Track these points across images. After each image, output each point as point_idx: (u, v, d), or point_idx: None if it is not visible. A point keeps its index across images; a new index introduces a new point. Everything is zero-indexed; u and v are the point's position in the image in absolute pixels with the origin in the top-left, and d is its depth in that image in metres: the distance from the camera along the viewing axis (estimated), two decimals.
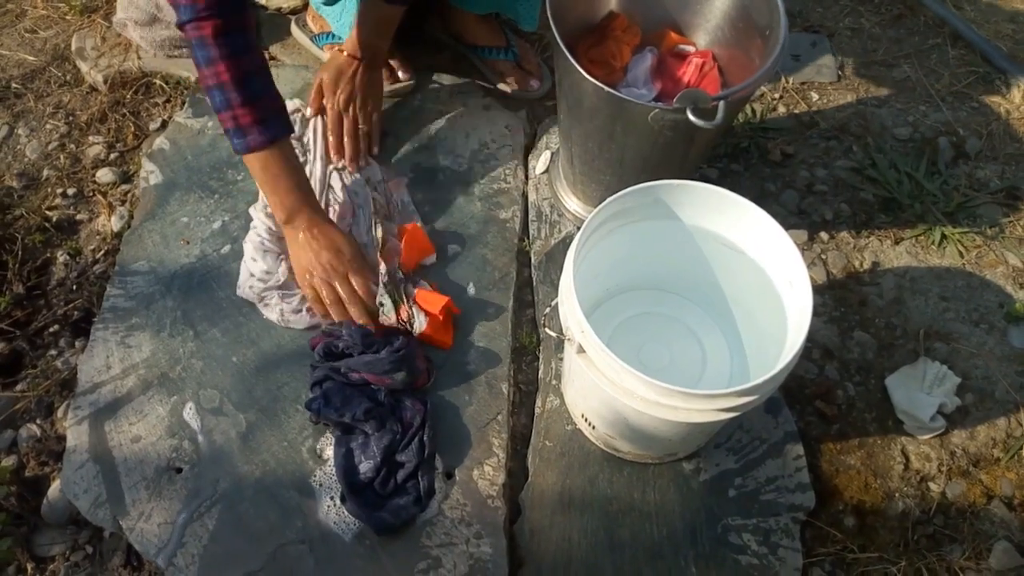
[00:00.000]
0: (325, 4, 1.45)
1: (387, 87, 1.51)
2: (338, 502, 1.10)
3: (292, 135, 1.21)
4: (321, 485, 1.12)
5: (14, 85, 1.62)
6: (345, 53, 1.38)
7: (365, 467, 1.11)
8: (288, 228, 1.23)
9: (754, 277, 1.05)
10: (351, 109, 1.40)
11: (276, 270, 1.27)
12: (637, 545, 1.09)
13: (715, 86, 1.22)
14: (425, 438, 1.13)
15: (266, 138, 1.14)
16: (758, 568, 1.08)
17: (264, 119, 1.14)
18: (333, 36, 1.54)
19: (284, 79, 1.57)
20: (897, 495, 1.18)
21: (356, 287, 1.21)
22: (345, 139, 1.40)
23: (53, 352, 1.28)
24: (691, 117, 0.99)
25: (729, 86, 1.19)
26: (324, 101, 1.42)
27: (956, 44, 1.76)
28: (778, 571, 1.08)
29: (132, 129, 1.55)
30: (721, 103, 1.00)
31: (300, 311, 1.25)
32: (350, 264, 1.21)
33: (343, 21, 1.44)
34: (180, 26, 1.09)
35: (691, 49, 1.24)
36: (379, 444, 1.11)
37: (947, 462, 1.21)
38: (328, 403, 1.12)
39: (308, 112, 1.45)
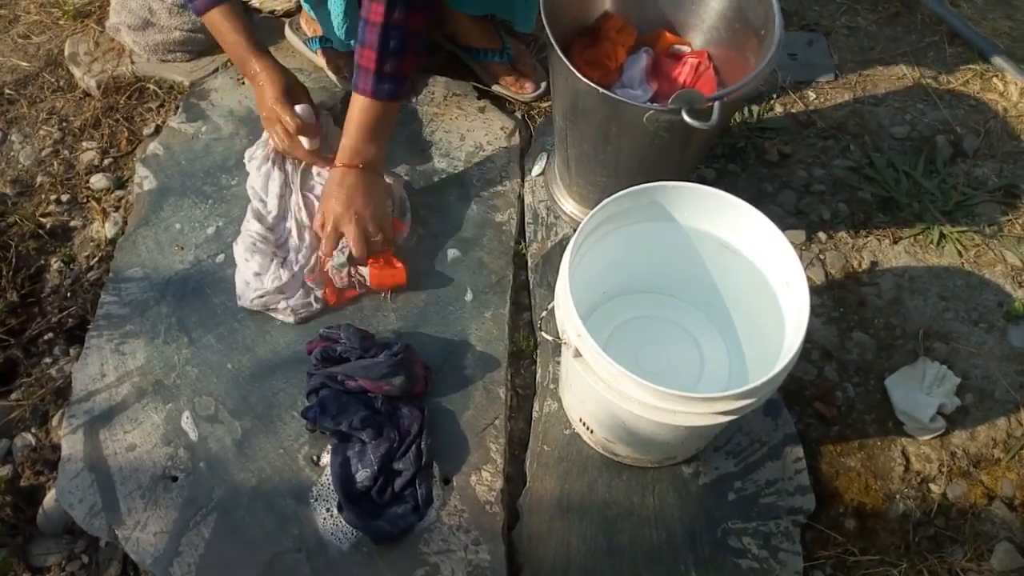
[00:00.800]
0: (307, 1, 1.44)
1: None
2: (335, 511, 1.09)
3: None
4: (318, 497, 1.11)
5: (7, 91, 1.61)
6: (341, 165, 1.24)
7: (362, 476, 1.10)
8: (248, 79, 1.35)
9: (752, 279, 1.04)
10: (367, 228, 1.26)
11: (268, 268, 1.25)
12: (636, 550, 1.08)
13: (711, 86, 1.21)
14: (423, 446, 1.12)
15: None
16: (758, 572, 1.07)
17: None
18: (327, 39, 1.53)
19: None
20: (898, 497, 1.17)
21: (287, 125, 1.30)
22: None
23: (47, 360, 1.27)
24: (686, 118, 0.98)
25: (725, 86, 1.18)
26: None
27: (953, 42, 1.75)
28: (779, 574, 1.07)
29: (126, 134, 1.54)
30: (716, 104, 0.99)
31: (309, 301, 1.25)
32: (274, 107, 1.30)
33: (329, 21, 1.42)
34: None
35: (686, 49, 1.23)
36: (376, 452, 1.11)
37: (948, 463, 1.20)
38: (324, 411, 1.12)
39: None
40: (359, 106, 1.21)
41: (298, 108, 1.31)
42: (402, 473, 1.10)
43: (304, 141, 1.32)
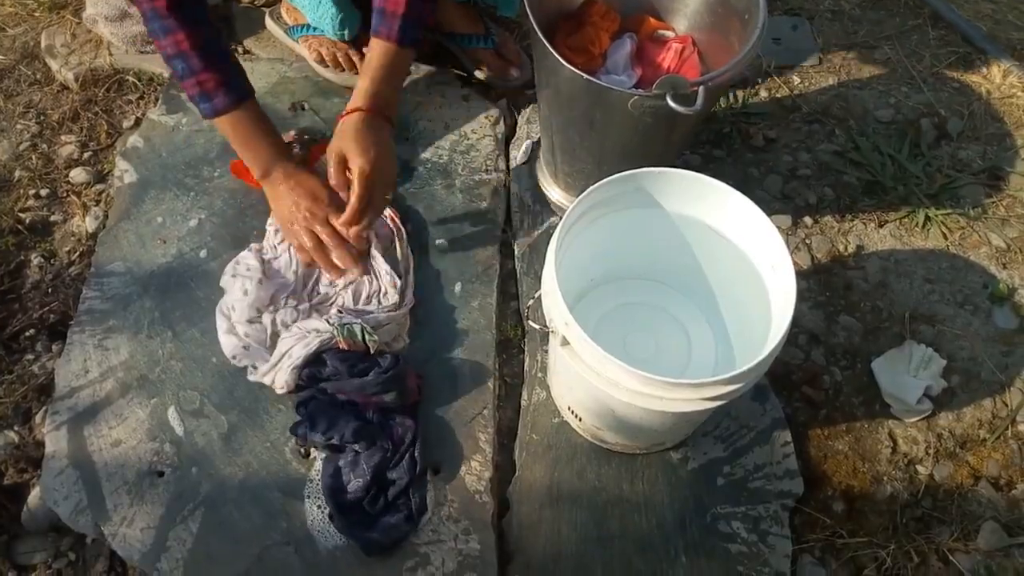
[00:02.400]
0: None
1: None
2: (325, 509, 1.08)
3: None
4: (309, 495, 1.10)
5: None
6: (359, 110, 1.20)
7: (354, 486, 1.08)
8: (267, 183, 1.23)
9: (738, 264, 1.04)
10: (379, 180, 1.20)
11: (253, 292, 1.20)
12: (627, 536, 1.08)
13: (695, 71, 1.21)
14: (416, 454, 1.10)
15: (231, 100, 1.17)
16: (748, 556, 1.08)
17: (227, 82, 1.17)
18: (308, 28, 1.51)
19: (259, 73, 1.54)
20: (885, 479, 1.18)
21: (338, 229, 1.19)
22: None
23: (29, 357, 1.25)
24: (671, 103, 0.98)
25: (710, 71, 1.17)
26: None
27: (936, 25, 1.75)
28: (768, 558, 1.08)
29: (105, 127, 1.52)
30: (701, 88, 0.99)
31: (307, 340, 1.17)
32: (328, 208, 1.19)
33: (319, 13, 1.41)
34: (134, 1, 1.11)
35: (670, 34, 1.23)
36: (369, 462, 1.09)
37: (934, 444, 1.21)
38: (314, 426, 1.09)
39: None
40: (381, 51, 1.20)
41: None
42: (396, 482, 1.09)
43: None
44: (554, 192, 1.38)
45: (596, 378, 0.91)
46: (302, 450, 1.13)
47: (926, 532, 1.14)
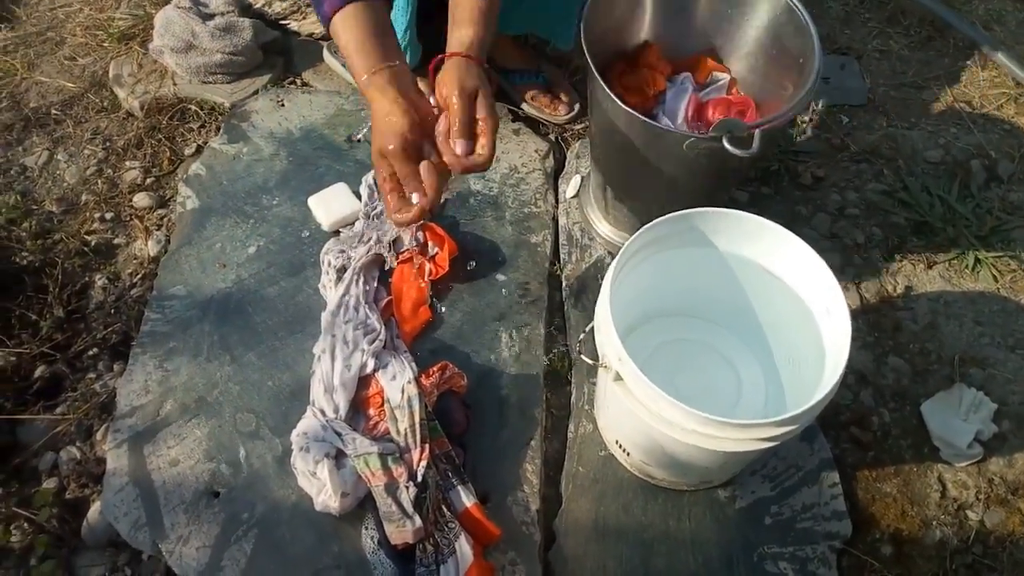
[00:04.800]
0: None
1: None
2: (375, 536, 1.09)
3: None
4: (367, 527, 1.10)
5: (54, 111, 1.65)
6: (472, 59, 1.05)
7: None
8: (365, 93, 1.03)
9: (790, 305, 1.05)
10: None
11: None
12: (673, 573, 1.09)
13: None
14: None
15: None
16: None
17: None
18: None
19: (316, 105, 1.59)
20: (934, 523, 1.17)
21: (419, 179, 0.99)
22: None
23: (92, 375, 1.29)
24: (727, 146, 1.00)
25: (763, 113, 1.19)
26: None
27: (986, 66, 1.75)
28: None
29: (168, 154, 1.58)
30: (756, 132, 1.00)
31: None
32: (405, 150, 0.98)
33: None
34: None
35: (725, 77, 1.24)
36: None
37: (985, 490, 1.20)
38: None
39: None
40: None
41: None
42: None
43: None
44: (603, 227, 1.40)
45: (647, 414, 0.92)
46: None
47: None
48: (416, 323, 1.29)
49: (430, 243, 1.34)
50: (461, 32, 1.06)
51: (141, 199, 1.51)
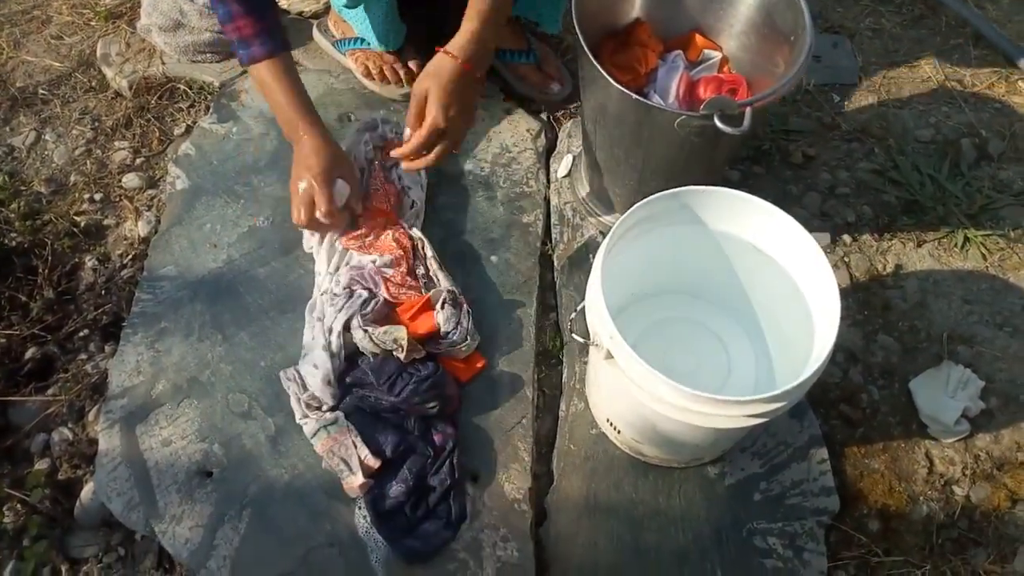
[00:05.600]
0: (347, 7, 1.46)
1: (407, 91, 1.52)
2: (368, 515, 1.10)
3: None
4: (360, 506, 1.12)
5: (41, 91, 1.64)
6: (456, 59, 1.15)
7: (396, 491, 1.10)
8: (292, 141, 1.26)
9: (780, 282, 1.05)
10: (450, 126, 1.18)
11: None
12: (663, 549, 1.10)
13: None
14: (455, 461, 1.12)
15: (266, 49, 1.20)
16: (783, 572, 1.09)
17: (265, 32, 1.20)
18: (356, 41, 1.55)
19: (307, 84, 1.55)
20: (921, 499, 1.18)
21: (317, 204, 1.22)
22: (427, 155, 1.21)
23: (83, 356, 1.29)
24: (719, 124, 0.99)
25: (755, 91, 1.19)
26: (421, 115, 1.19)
27: (978, 44, 1.75)
28: (803, 574, 1.09)
29: (157, 134, 1.57)
30: (748, 109, 1.00)
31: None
32: (311, 187, 1.22)
33: (368, 25, 1.44)
34: None
35: (717, 55, 1.24)
36: (412, 468, 1.11)
37: (971, 466, 1.21)
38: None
39: (407, 132, 1.20)
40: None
41: (337, 184, 1.25)
42: (436, 489, 1.11)
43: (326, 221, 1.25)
44: (594, 206, 1.40)
45: (639, 392, 0.92)
46: None
47: (962, 553, 1.14)
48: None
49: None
50: (461, 27, 1.17)
51: (131, 179, 1.50)
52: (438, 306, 1.22)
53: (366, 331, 1.17)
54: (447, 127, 1.16)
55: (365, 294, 1.22)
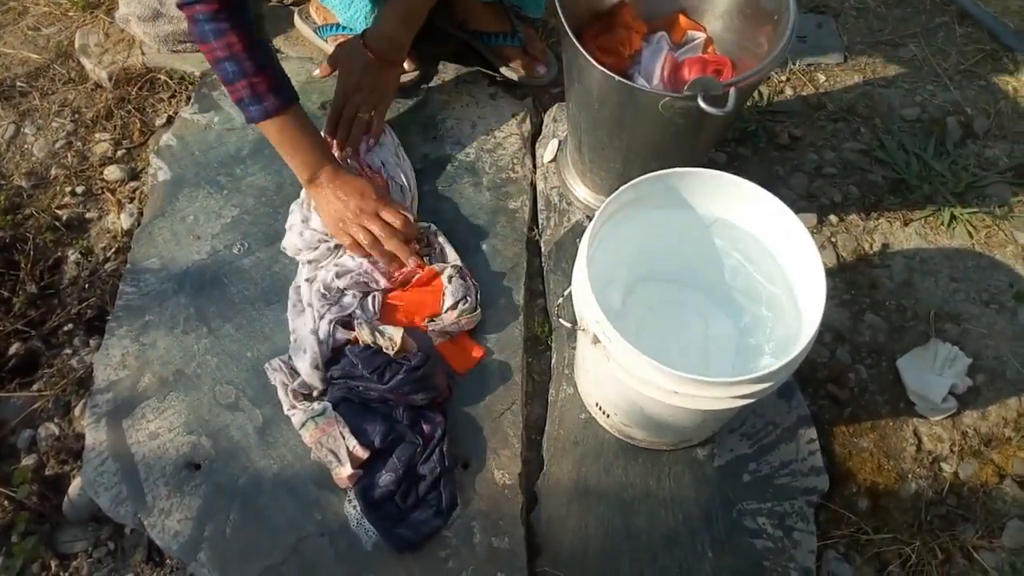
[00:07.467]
0: None
1: None
2: (357, 505, 1.10)
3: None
4: (350, 499, 1.11)
5: (19, 83, 1.61)
6: (365, 47, 1.31)
7: (385, 480, 1.10)
8: (313, 187, 1.26)
9: (767, 264, 1.05)
10: (360, 107, 1.35)
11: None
12: (653, 532, 1.10)
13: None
14: (445, 449, 1.12)
15: (282, 101, 1.19)
16: (773, 551, 1.09)
17: (278, 85, 1.19)
18: (338, 27, 1.53)
19: (288, 71, 1.53)
20: (910, 476, 1.19)
21: (389, 221, 1.24)
22: (343, 129, 1.36)
23: (68, 351, 1.28)
24: (703, 104, 0.99)
25: (739, 72, 1.18)
26: (337, 96, 1.36)
27: (963, 22, 1.75)
28: (793, 553, 1.09)
29: (138, 126, 1.55)
30: (732, 90, 1.00)
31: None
32: (377, 203, 1.24)
33: (351, 13, 1.43)
34: (183, 5, 1.11)
35: (701, 36, 1.23)
36: (401, 457, 1.11)
37: (959, 442, 1.22)
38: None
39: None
40: None
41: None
42: (426, 477, 1.10)
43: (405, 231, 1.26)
44: (581, 190, 1.39)
45: (626, 375, 0.92)
46: None
47: (951, 529, 1.15)
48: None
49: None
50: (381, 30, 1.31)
51: (112, 172, 1.49)
52: (445, 279, 1.24)
53: (361, 324, 1.18)
54: (350, 88, 1.33)
55: (356, 300, 1.23)
